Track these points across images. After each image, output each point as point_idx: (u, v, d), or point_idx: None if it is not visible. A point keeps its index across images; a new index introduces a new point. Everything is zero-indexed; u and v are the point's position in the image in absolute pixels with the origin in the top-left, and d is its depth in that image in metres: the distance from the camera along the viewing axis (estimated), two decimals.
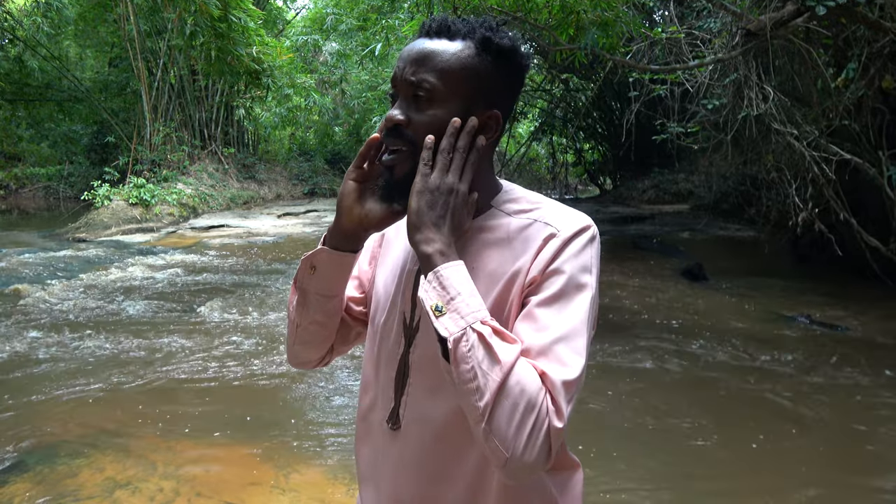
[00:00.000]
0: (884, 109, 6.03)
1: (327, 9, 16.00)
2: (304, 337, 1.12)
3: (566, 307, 0.89)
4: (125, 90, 18.08)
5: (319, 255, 1.03)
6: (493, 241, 0.97)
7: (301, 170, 20.64)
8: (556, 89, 17.50)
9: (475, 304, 0.87)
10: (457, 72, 0.94)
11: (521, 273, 0.93)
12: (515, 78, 0.99)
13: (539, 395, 0.83)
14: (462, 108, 0.94)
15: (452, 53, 0.94)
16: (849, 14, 5.02)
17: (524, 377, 0.84)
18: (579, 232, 0.94)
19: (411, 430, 1.01)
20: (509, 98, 1.00)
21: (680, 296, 6.76)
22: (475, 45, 0.95)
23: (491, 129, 0.97)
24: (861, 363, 4.65)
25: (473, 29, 0.96)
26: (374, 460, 1.09)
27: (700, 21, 7.26)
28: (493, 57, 0.95)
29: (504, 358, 0.83)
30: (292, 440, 3.56)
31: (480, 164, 0.99)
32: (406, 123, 0.95)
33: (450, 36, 0.96)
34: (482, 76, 0.95)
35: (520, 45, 0.98)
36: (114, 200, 12.56)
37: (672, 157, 14.41)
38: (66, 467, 3.19)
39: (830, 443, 3.53)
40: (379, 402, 1.07)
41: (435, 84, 0.93)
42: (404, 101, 0.96)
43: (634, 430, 3.70)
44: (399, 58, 0.98)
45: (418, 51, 0.95)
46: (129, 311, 6.19)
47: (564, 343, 0.87)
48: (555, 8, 5.71)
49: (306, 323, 1.09)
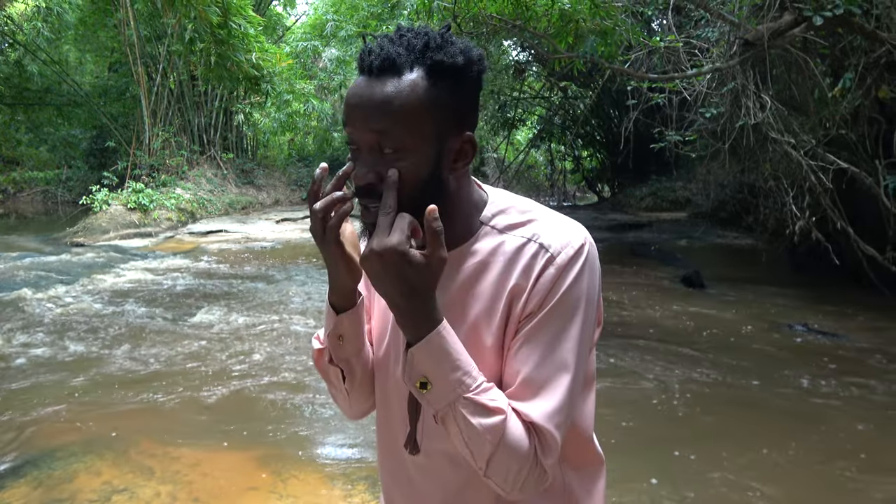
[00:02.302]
0: (880, 119, 6.07)
1: (327, 15, 16.05)
2: (361, 395, 1.10)
3: (559, 342, 0.89)
4: (124, 95, 18.12)
5: (343, 324, 0.99)
6: (488, 264, 0.94)
7: (300, 175, 20.67)
8: (554, 97, 17.57)
9: (455, 378, 0.86)
10: (417, 111, 0.85)
11: (518, 296, 0.91)
12: (475, 88, 0.92)
13: (529, 452, 0.87)
14: (432, 148, 0.88)
15: (407, 94, 0.85)
16: (846, 24, 5.05)
17: (513, 443, 0.86)
18: (575, 255, 0.91)
19: (430, 454, 1.01)
20: (474, 111, 0.93)
21: (677, 303, 6.77)
22: (426, 73, 0.86)
23: (466, 153, 0.91)
24: (858, 371, 4.66)
25: (419, 56, 0.86)
26: (398, 486, 1.09)
27: (698, 30, 7.30)
28: (449, 79, 0.87)
29: (489, 436, 0.85)
30: (290, 446, 3.56)
31: (465, 184, 0.96)
32: (378, 181, 0.87)
33: (396, 71, 0.86)
34: (443, 105, 0.87)
35: (471, 53, 0.89)
36: (112, 205, 12.56)
37: (670, 164, 14.43)
38: (63, 472, 3.19)
39: (829, 447, 3.53)
40: (395, 429, 1.06)
41: (398, 134, 0.85)
42: (369, 155, 0.88)
43: (630, 434, 3.70)
44: (346, 105, 0.88)
45: (368, 99, 0.86)
46: (127, 316, 6.18)
47: (554, 381, 0.89)
48: (554, 16, 5.74)
49: (357, 384, 1.07)
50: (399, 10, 8.88)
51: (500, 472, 0.88)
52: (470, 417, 0.85)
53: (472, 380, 0.87)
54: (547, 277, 0.90)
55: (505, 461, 0.87)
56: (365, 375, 1.08)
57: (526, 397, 0.89)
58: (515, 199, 0.99)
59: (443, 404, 0.87)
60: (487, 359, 0.93)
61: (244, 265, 9.15)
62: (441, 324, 0.87)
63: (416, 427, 1.01)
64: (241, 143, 19.80)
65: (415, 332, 0.87)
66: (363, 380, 1.08)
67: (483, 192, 1.00)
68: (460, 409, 0.86)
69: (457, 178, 0.93)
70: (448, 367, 0.86)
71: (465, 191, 0.96)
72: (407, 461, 1.04)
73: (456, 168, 0.92)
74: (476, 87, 0.92)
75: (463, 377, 0.86)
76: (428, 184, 0.88)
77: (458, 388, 0.86)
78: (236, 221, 14.22)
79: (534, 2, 5.94)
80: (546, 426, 0.87)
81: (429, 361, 0.86)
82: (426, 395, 0.87)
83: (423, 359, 0.86)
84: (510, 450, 0.86)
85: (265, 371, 4.68)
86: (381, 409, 1.10)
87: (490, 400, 0.87)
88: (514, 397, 0.90)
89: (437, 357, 0.86)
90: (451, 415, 0.87)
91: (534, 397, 0.88)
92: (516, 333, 0.91)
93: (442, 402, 0.87)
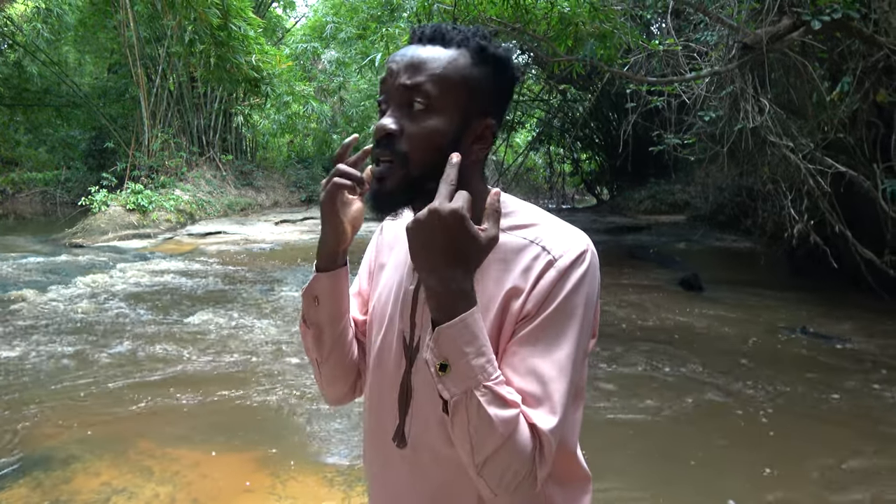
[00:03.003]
0: (878, 123, 6.09)
1: (327, 17, 16.07)
2: (331, 373, 1.12)
3: (557, 347, 0.88)
4: (124, 96, 18.13)
5: (320, 284, 1.03)
6: (489, 261, 0.92)
7: (299, 177, 20.67)
8: (553, 99, 17.59)
9: (479, 364, 0.84)
10: (455, 80, 0.90)
11: (517, 297, 0.91)
12: (508, 88, 0.97)
13: (531, 456, 0.86)
14: (459, 119, 0.91)
15: (449, 61, 0.91)
16: (844, 29, 5.08)
17: (520, 441, 0.85)
18: (576, 260, 0.90)
19: (417, 448, 1.00)
20: (501, 107, 0.97)
21: (676, 306, 6.78)
22: (471, 53, 0.92)
23: (486, 139, 0.95)
24: (856, 375, 4.67)
25: (467, 37, 0.93)
26: (383, 478, 1.08)
27: (697, 34, 7.33)
28: (489, 66, 0.93)
29: (502, 429, 0.83)
30: (289, 447, 3.56)
31: (476, 175, 0.97)
32: (399, 133, 0.91)
33: (444, 43, 0.92)
34: (478, 85, 0.92)
35: (512, 54, 0.96)
36: (111, 206, 12.56)
37: (669, 168, 14.46)
38: (62, 472, 3.19)
39: (826, 453, 3.54)
40: (384, 420, 1.05)
41: (432, 92, 0.90)
42: (397, 110, 0.92)
43: (626, 438, 3.71)
44: (389, 62, 0.93)
45: (412, 56, 0.91)
46: (125, 317, 6.18)
47: (552, 387, 0.87)
48: (553, 19, 5.76)
49: (327, 357, 1.09)
50: (399, 12, 8.90)
51: (496, 471, 0.85)
52: (487, 406, 0.83)
53: (493, 369, 0.85)
54: (547, 280, 0.89)
55: (507, 459, 0.85)
56: (337, 350, 1.09)
57: (525, 402, 0.87)
58: (522, 204, 1.01)
59: (460, 390, 0.84)
60: None
61: (243, 267, 9.16)
62: (476, 306, 0.85)
63: (404, 420, 1.01)
64: (241, 145, 19.81)
65: (449, 310, 0.84)
66: (335, 353, 1.09)
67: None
68: (478, 396, 0.83)
69: (474, 163, 0.95)
70: (474, 352, 0.84)
71: (477, 183, 0.97)
72: (394, 454, 1.03)
73: (474, 150, 0.94)
74: (508, 84, 0.97)
75: (486, 365, 0.84)
76: (445, 152, 0.89)
77: (480, 374, 0.84)
78: (235, 223, 14.22)
79: (533, 5, 5.97)
80: (545, 432, 0.86)
81: (457, 343, 0.83)
82: (445, 378, 0.84)
83: (452, 338, 0.83)
84: (517, 448, 0.84)
85: (264, 373, 4.69)
86: (371, 401, 1.09)
87: (508, 392, 0.85)
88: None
89: (467, 339, 0.84)
90: (464, 402, 0.84)
91: (532, 402, 0.87)
92: (513, 335, 0.90)
93: (460, 388, 0.84)
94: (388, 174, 0.92)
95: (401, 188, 0.92)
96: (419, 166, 0.90)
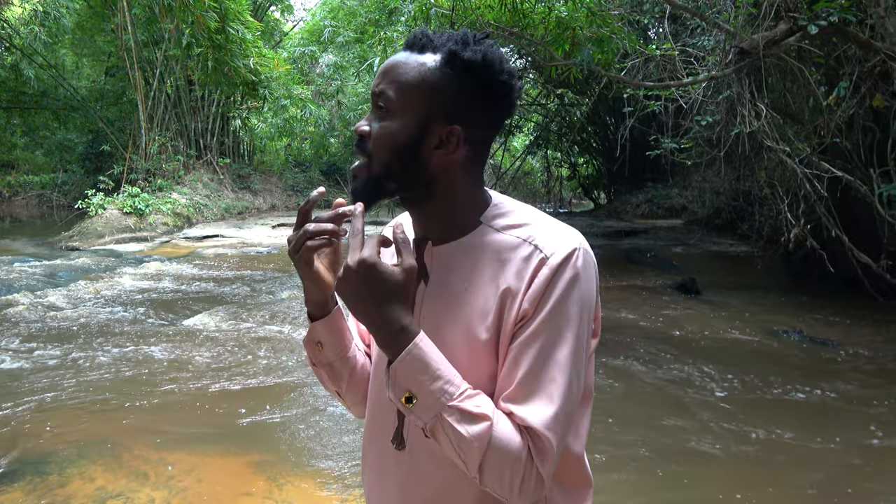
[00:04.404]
0: (874, 127, 6.11)
1: (325, 21, 16.10)
2: (353, 397, 1.15)
3: (555, 346, 0.89)
4: (121, 99, 18.11)
5: (317, 331, 1.06)
6: (483, 260, 0.95)
7: (296, 181, 20.69)
8: (551, 104, 17.61)
9: (437, 387, 0.87)
10: (414, 85, 0.93)
11: (512, 297, 0.91)
12: (489, 92, 0.94)
13: (521, 456, 0.87)
14: (416, 122, 0.93)
15: (414, 66, 0.93)
16: (840, 33, 5.10)
17: (501, 446, 0.86)
18: (569, 257, 0.91)
19: (415, 451, 1.01)
20: (481, 113, 0.95)
21: (673, 310, 6.78)
22: (441, 58, 0.93)
23: (450, 145, 0.94)
24: (851, 378, 4.68)
25: (445, 42, 0.94)
26: (381, 480, 1.09)
27: (694, 39, 7.36)
28: (458, 71, 0.92)
29: (477, 443, 0.86)
30: (285, 451, 3.55)
31: (465, 181, 0.97)
32: (368, 135, 0.96)
33: (421, 49, 0.95)
34: (441, 91, 0.92)
35: (495, 59, 0.93)
36: (108, 209, 12.54)
37: (666, 172, 14.52)
38: (57, 477, 3.17)
39: (821, 455, 3.54)
40: (384, 423, 1.06)
41: (392, 97, 0.93)
42: (372, 113, 0.97)
43: (624, 440, 3.70)
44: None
45: (387, 63, 0.96)
46: (122, 321, 6.16)
47: (550, 385, 0.88)
48: (551, 24, 5.77)
49: (347, 386, 1.12)
50: (397, 16, 8.91)
51: (494, 477, 0.87)
52: (456, 425, 0.86)
53: (454, 388, 0.88)
54: (541, 279, 0.90)
55: (496, 466, 0.86)
56: (354, 377, 1.11)
57: (521, 400, 0.88)
58: (519, 205, 1.01)
59: (430, 416, 0.87)
60: (481, 357, 0.93)
61: (240, 270, 9.14)
62: (418, 335, 0.89)
63: (403, 422, 1.02)
64: (238, 148, 19.81)
65: (395, 347, 0.88)
66: (353, 381, 1.12)
67: (489, 196, 1.02)
68: (447, 418, 0.86)
69: (443, 166, 0.95)
70: (429, 378, 0.87)
71: (462, 185, 0.97)
72: (392, 456, 1.04)
73: (436, 154, 0.94)
74: (490, 91, 0.95)
75: (445, 385, 0.87)
76: (402, 155, 0.94)
77: (441, 396, 0.87)
78: (232, 226, 14.21)
79: (531, 9, 5.98)
80: (541, 430, 0.87)
81: (410, 374, 0.87)
82: (413, 409, 0.88)
83: (404, 372, 0.88)
84: (499, 454, 0.86)
85: (260, 376, 4.67)
86: (372, 406, 1.11)
87: (475, 406, 0.87)
88: (509, 400, 0.90)
89: (417, 369, 0.87)
90: (438, 426, 0.87)
91: (529, 401, 0.88)
92: (513, 338, 0.91)
93: (429, 414, 0.87)
94: (359, 171, 0.97)
95: (366, 185, 0.96)
96: (378, 166, 0.95)
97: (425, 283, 0.99)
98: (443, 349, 0.92)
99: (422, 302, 0.98)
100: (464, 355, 0.93)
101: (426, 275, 0.99)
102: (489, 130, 0.98)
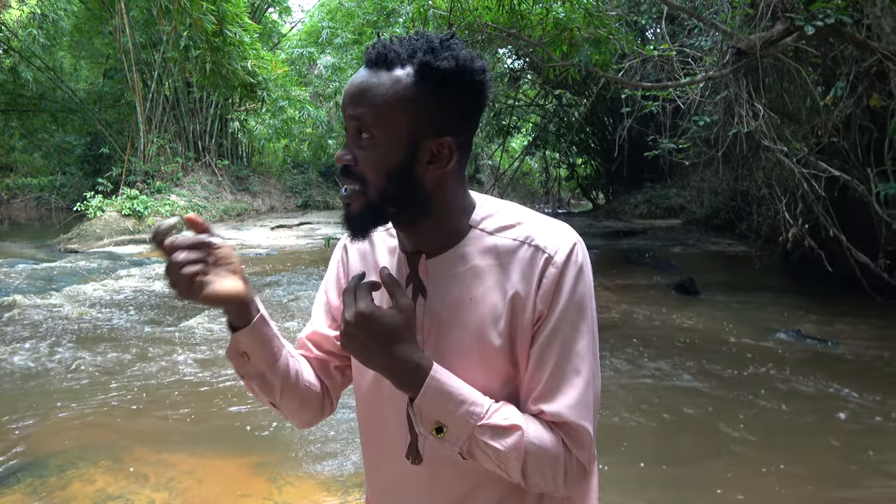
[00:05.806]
0: (871, 127, 6.13)
1: (323, 22, 16.08)
2: (291, 407, 1.08)
3: (574, 341, 0.92)
4: (119, 101, 18.11)
5: (240, 342, 0.98)
6: (483, 266, 0.95)
7: (295, 182, 20.68)
8: (549, 104, 17.65)
9: (464, 411, 0.89)
10: (393, 106, 0.89)
11: (523, 301, 0.92)
12: (468, 97, 0.93)
13: (558, 452, 0.91)
14: (404, 143, 0.90)
15: (388, 86, 0.89)
16: (837, 34, 5.11)
17: (538, 449, 0.89)
18: (571, 253, 0.93)
19: (435, 463, 1.00)
20: (464, 119, 0.94)
21: (672, 310, 6.79)
22: (414, 72, 0.89)
23: (443, 159, 0.92)
24: (850, 378, 4.68)
25: (413, 53, 0.89)
26: (395, 495, 1.06)
27: (691, 39, 7.37)
28: (435, 83, 0.89)
29: (514, 453, 0.88)
30: (285, 452, 3.55)
31: (456, 188, 0.96)
32: (354, 163, 0.92)
33: (388, 65, 0.90)
34: (423, 107, 0.89)
35: (468, 61, 0.90)
36: (106, 211, 12.54)
37: (664, 172, 14.55)
38: (57, 479, 3.17)
39: (822, 455, 3.55)
40: (390, 438, 1.04)
41: (373, 123, 0.89)
42: (350, 139, 0.93)
43: (623, 440, 3.71)
44: (344, 91, 0.94)
45: (356, 86, 0.91)
46: (121, 323, 6.16)
47: (574, 377, 0.92)
48: (548, 25, 5.79)
49: (281, 396, 1.05)
50: (395, 18, 8.92)
51: (538, 479, 0.90)
52: (491, 442, 0.88)
53: (479, 407, 0.90)
54: (550, 278, 0.92)
55: (537, 468, 0.90)
56: (286, 387, 1.04)
57: (550, 398, 0.91)
58: (501, 203, 1.01)
59: (463, 439, 0.89)
60: (497, 362, 0.93)
61: None
62: (433, 368, 0.90)
63: (417, 436, 0.99)
64: (237, 150, 19.80)
65: (413, 385, 0.89)
66: (285, 391, 1.05)
67: (472, 198, 1.01)
68: (480, 437, 0.89)
69: (438, 180, 0.93)
70: (454, 405, 0.89)
71: (453, 193, 0.96)
72: (407, 471, 1.02)
73: (429, 169, 0.92)
74: (467, 94, 0.92)
75: (471, 408, 0.89)
76: (397, 178, 0.91)
77: (470, 419, 0.89)
78: (231, 228, 14.21)
79: (529, 10, 5.99)
80: (572, 420, 0.90)
81: (435, 407, 0.89)
82: (446, 438, 0.89)
83: (428, 406, 0.89)
84: (537, 457, 0.89)
85: None
86: (368, 422, 1.08)
87: (504, 419, 0.90)
88: (538, 401, 0.92)
89: (441, 399, 0.89)
90: (474, 446, 0.89)
91: (557, 396, 0.91)
92: (532, 342, 0.93)
93: (462, 438, 0.89)
94: (352, 199, 0.93)
95: (364, 213, 0.93)
96: (375, 193, 0.91)
97: (423, 298, 0.97)
98: (450, 358, 0.93)
99: (423, 316, 0.97)
100: (474, 361, 0.94)
101: (423, 289, 0.98)
102: (472, 131, 0.97)
